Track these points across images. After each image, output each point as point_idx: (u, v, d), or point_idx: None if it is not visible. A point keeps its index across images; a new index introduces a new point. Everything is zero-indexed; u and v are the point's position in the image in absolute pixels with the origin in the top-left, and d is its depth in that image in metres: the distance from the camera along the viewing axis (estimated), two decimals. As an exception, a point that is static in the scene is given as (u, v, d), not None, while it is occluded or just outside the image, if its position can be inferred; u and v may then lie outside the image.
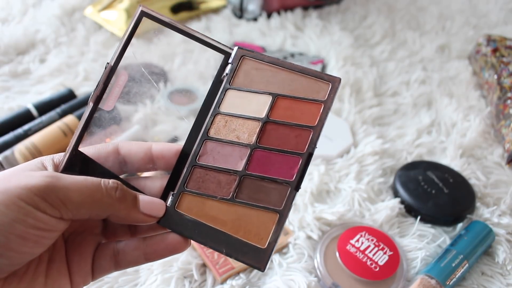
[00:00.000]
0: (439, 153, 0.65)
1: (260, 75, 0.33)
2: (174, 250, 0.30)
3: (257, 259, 0.29)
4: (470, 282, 0.49)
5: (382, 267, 0.47)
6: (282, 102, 0.32)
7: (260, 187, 0.30)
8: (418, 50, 0.87)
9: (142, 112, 0.65)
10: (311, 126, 0.31)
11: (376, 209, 0.55)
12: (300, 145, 0.31)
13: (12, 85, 0.73)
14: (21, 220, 0.23)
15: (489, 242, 0.51)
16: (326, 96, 0.32)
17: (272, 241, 0.29)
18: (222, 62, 0.33)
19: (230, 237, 0.29)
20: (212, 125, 0.32)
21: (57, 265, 0.28)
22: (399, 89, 0.77)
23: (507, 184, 0.60)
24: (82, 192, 0.26)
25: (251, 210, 0.30)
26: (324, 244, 0.50)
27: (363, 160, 0.62)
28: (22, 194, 0.24)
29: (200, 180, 0.31)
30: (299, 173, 0.30)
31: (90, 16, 0.88)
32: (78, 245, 0.29)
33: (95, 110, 0.30)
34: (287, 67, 0.32)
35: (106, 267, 0.30)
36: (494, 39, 0.78)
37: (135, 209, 0.28)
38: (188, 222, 0.30)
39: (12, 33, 0.82)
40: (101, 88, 0.30)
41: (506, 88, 0.68)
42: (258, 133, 0.31)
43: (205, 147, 0.32)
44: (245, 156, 0.31)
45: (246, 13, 0.94)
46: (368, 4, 1.01)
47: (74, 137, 0.30)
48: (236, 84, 0.33)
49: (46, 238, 0.25)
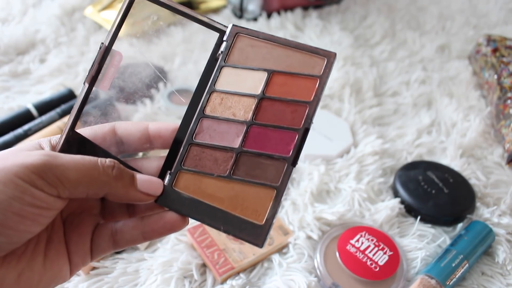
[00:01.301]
0: (439, 153, 0.65)
1: (255, 52, 0.32)
2: (172, 228, 0.30)
3: (255, 235, 0.29)
4: (470, 282, 0.49)
5: (382, 267, 0.47)
6: (277, 78, 0.32)
7: (257, 164, 0.30)
8: (418, 50, 0.87)
9: (142, 112, 0.65)
10: (307, 102, 0.31)
11: (376, 209, 0.55)
12: (296, 120, 0.31)
13: (12, 85, 0.73)
14: (18, 198, 0.24)
15: (489, 242, 0.51)
16: (321, 71, 0.31)
17: (270, 217, 0.29)
18: (217, 41, 0.33)
19: (227, 214, 0.29)
20: (208, 103, 0.32)
21: (55, 245, 0.28)
22: (399, 89, 0.77)
23: (507, 184, 0.60)
24: (79, 170, 0.26)
25: (248, 187, 0.30)
26: (324, 244, 0.50)
27: (363, 160, 0.62)
28: (19, 172, 0.24)
29: (197, 158, 0.31)
30: (296, 148, 0.30)
31: (90, 16, 0.88)
32: (76, 226, 0.29)
33: (90, 90, 0.30)
34: (283, 43, 0.32)
35: (104, 247, 0.30)
36: (494, 39, 0.78)
37: (132, 187, 0.28)
38: (186, 200, 0.30)
39: (12, 33, 0.82)
40: (96, 68, 0.30)
41: (506, 88, 0.68)
42: (254, 110, 0.31)
43: (201, 125, 0.32)
44: (241, 132, 0.31)
45: (246, 13, 0.94)
46: (368, 4, 1.01)
47: (70, 118, 0.30)
48: (231, 62, 0.33)
49: (43, 217, 0.25)
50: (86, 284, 0.46)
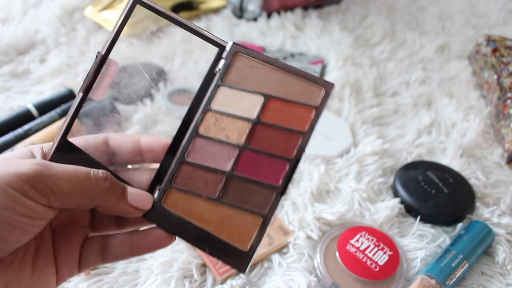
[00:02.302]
0: (439, 153, 0.65)
1: (254, 73, 0.32)
2: (158, 245, 0.30)
3: (238, 261, 0.29)
4: (470, 282, 0.49)
5: (382, 267, 0.47)
6: (274, 103, 0.31)
7: (246, 189, 0.30)
8: (418, 50, 0.87)
9: (142, 112, 0.65)
10: (301, 132, 0.31)
11: (376, 209, 0.55)
12: (289, 150, 0.31)
13: (12, 85, 0.73)
14: (9, 207, 0.24)
15: (489, 242, 0.51)
16: (318, 102, 0.31)
17: (254, 244, 0.30)
18: (216, 56, 0.33)
19: (213, 237, 0.30)
20: (202, 122, 0.32)
21: (43, 255, 0.28)
22: (399, 89, 0.77)
23: (507, 184, 0.60)
24: (71, 181, 0.26)
25: (235, 212, 0.30)
26: (324, 244, 0.50)
27: (363, 160, 0.62)
28: (11, 181, 0.24)
29: (187, 177, 0.31)
30: (286, 178, 0.30)
31: (90, 16, 0.88)
32: (65, 237, 0.29)
33: (84, 99, 0.30)
34: (282, 68, 0.32)
35: (92, 260, 0.30)
36: (494, 39, 0.78)
37: (123, 200, 0.28)
38: (173, 219, 0.30)
39: (12, 33, 0.82)
40: (91, 77, 0.30)
41: (506, 88, 0.68)
42: (247, 134, 0.31)
43: (194, 144, 0.31)
44: (233, 156, 0.31)
45: (246, 13, 0.94)
46: (368, 4, 1.01)
47: (63, 127, 0.30)
48: (229, 81, 0.32)
49: (33, 226, 0.25)
50: (86, 284, 0.46)
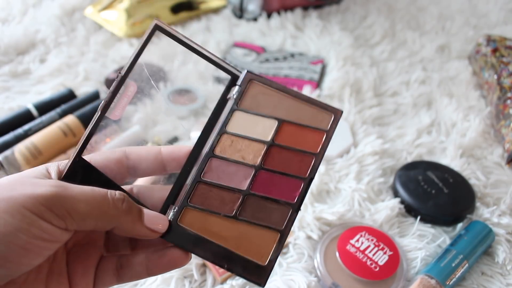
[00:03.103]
0: (439, 153, 0.65)
1: (267, 100, 0.34)
2: (175, 265, 0.30)
3: (258, 275, 0.30)
4: (470, 282, 0.49)
5: (382, 267, 0.47)
6: (287, 127, 0.34)
7: (262, 207, 0.32)
8: (418, 50, 0.87)
9: (142, 112, 0.65)
10: (314, 153, 0.33)
11: (376, 209, 0.55)
12: (303, 169, 0.32)
13: (12, 85, 0.73)
14: (25, 230, 0.23)
15: (489, 242, 0.51)
16: (328, 126, 0.34)
17: (273, 259, 0.30)
18: (228, 83, 0.35)
19: (231, 253, 0.30)
20: (218, 144, 0.33)
21: (57, 276, 0.27)
22: (399, 89, 0.77)
23: (507, 184, 0.60)
24: (89, 203, 0.25)
25: (253, 228, 0.31)
26: (324, 244, 0.50)
27: (363, 160, 0.62)
28: (28, 202, 0.23)
29: (204, 196, 0.32)
30: (301, 196, 0.32)
31: (90, 16, 0.88)
32: (80, 257, 0.29)
33: (101, 118, 0.31)
34: (293, 95, 0.34)
35: (108, 281, 0.30)
36: (494, 39, 0.78)
37: (139, 222, 0.28)
38: (190, 237, 0.30)
39: (12, 33, 0.82)
40: (109, 97, 0.31)
41: (506, 88, 0.68)
42: (263, 155, 0.33)
43: (210, 164, 0.33)
44: (249, 176, 0.32)
45: (246, 13, 0.94)
46: (368, 4, 1.01)
47: (79, 144, 0.30)
48: (244, 106, 0.34)
49: (47, 249, 0.25)
50: (86, 284, 0.46)
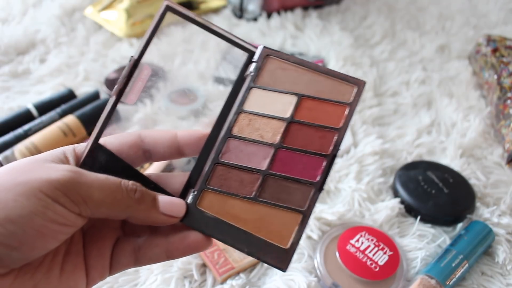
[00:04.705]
0: (439, 153, 0.65)
1: (285, 75, 0.33)
2: (196, 249, 0.29)
3: (279, 259, 0.29)
4: (470, 282, 0.49)
5: (382, 267, 0.47)
6: (307, 102, 0.32)
7: (283, 187, 0.30)
8: (418, 50, 0.87)
9: (142, 112, 0.65)
10: (336, 128, 0.31)
11: (376, 209, 0.55)
12: (325, 146, 0.31)
13: (12, 85, 0.73)
14: (41, 213, 0.23)
15: (489, 242, 0.51)
16: (351, 99, 0.32)
17: (295, 241, 0.29)
18: (245, 61, 0.33)
19: (252, 236, 0.29)
20: (235, 123, 0.32)
21: (73, 258, 0.27)
22: (399, 89, 0.77)
23: (507, 184, 0.60)
24: (103, 191, 0.25)
25: (273, 210, 0.30)
26: (324, 244, 0.50)
27: (363, 160, 0.62)
28: (44, 186, 0.23)
29: (223, 177, 0.31)
30: (323, 174, 0.30)
31: (90, 16, 0.88)
32: (97, 239, 0.29)
33: (117, 103, 0.30)
34: (312, 68, 0.32)
35: (125, 263, 0.29)
36: (494, 39, 0.78)
37: (154, 209, 0.28)
38: (210, 220, 0.29)
39: (12, 33, 0.82)
40: (124, 81, 0.30)
41: (506, 88, 0.68)
42: (282, 133, 0.31)
43: (228, 145, 0.31)
44: (268, 155, 0.31)
45: (246, 13, 0.94)
46: (368, 4, 1.01)
47: (95, 130, 0.29)
48: (261, 83, 0.33)
49: (62, 233, 0.25)
50: (86, 284, 0.46)
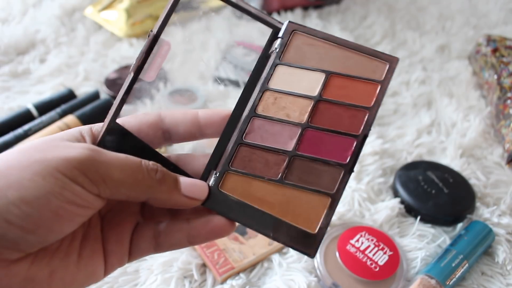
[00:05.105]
0: (439, 153, 0.65)
1: (312, 51, 0.31)
2: (219, 233, 0.28)
3: (307, 244, 0.27)
4: (470, 282, 0.49)
5: (382, 267, 0.47)
6: (335, 80, 0.30)
7: (311, 169, 0.29)
8: (418, 50, 0.87)
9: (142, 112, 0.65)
10: (367, 107, 0.29)
11: (376, 209, 0.55)
12: (355, 126, 0.29)
13: (12, 85, 0.73)
14: (58, 193, 0.22)
15: (489, 242, 0.51)
16: (383, 76, 0.30)
17: (323, 226, 0.28)
18: (270, 37, 0.32)
19: (278, 221, 0.28)
20: (260, 102, 0.30)
21: (91, 243, 0.26)
22: (399, 89, 0.77)
23: (507, 184, 0.60)
24: (124, 170, 0.24)
25: (301, 193, 0.28)
26: (324, 244, 0.50)
27: (363, 160, 0.62)
28: (61, 165, 0.22)
29: (247, 159, 0.29)
30: (354, 155, 0.29)
31: (90, 16, 0.88)
32: (116, 224, 0.28)
33: (135, 80, 0.28)
34: (341, 44, 0.31)
35: (145, 249, 0.28)
36: (494, 39, 0.78)
37: (176, 191, 0.27)
38: (233, 203, 0.28)
39: (12, 33, 0.82)
40: (142, 57, 0.28)
41: (506, 88, 0.68)
42: (310, 112, 0.30)
43: (252, 125, 0.30)
44: (295, 135, 0.29)
45: (246, 13, 0.94)
46: (368, 4, 1.01)
47: (113, 109, 0.28)
48: (287, 60, 0.31)
49: (80, 216, 0.24)
50: (86, 284, 0.46)
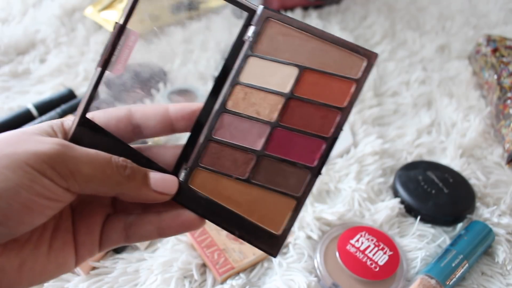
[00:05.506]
0: (439, 153, 0.65)
1: (287, 42, 0.29)
2: (189, 227, 0.28)
3: (270, 244, 0.28)
4: (470, 282, 0.49)
5: (382, 267, 0.47)
6: (309, 76, 0.29)
7: (278, 170, 0.28)
8: (418, 50, 0.87)
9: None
10: (340, 108, 0.28)
11: (376, 209, 0.55)
12: (325, 127, 0.29)
13: (12, 85, 0.73)
14: (27, 186, 0.22)
15: (489, 242, 0.51)
16: (359, 74, 0.28)
17: (287, 228, 0.28)
18: (245, 21, 0.30)
19: (244, 220, 0.28)
20: (230, 96, 0.29)
21: (62, 234, 0.27)
22: (399, 89, 0.77)
23: (507, 184, 0.60)
24: (93, 166, 0.25)
25: (267, 193, 0.28)
26: (324, 244, 0.50)
27: (363, 160, 0.62)
28: (30, 159, 0.23)
29: (216, 156, 0.29)
30: (322, 158, 0.28)
31: (90, 16, 0.88)
32: (86, 216, 0.28)
33: (102, 75, 0.28)
34: (319, 36, 0.29)
35: (115, 240, 0.29)
36: (494, 39, 0.78)
37: (145, 186, 0.27)
38: (202, 200, 0.28)
39: (12, 33, 0.82)
40: (109, 50, 0.27)
41: (506, 88, 0.68)
42: (280, 110, 0.29)
43: (221, 120, 0.29)
44: (264, 134, 0.29)
45: (246, 13, 0.94)
46: (368, 4, 1.01)
47: (82, 105, 0.28)
48: (259, 51, 0.29)
49: (49, 208, 0.24)
50: (86, 284, 0.46)
